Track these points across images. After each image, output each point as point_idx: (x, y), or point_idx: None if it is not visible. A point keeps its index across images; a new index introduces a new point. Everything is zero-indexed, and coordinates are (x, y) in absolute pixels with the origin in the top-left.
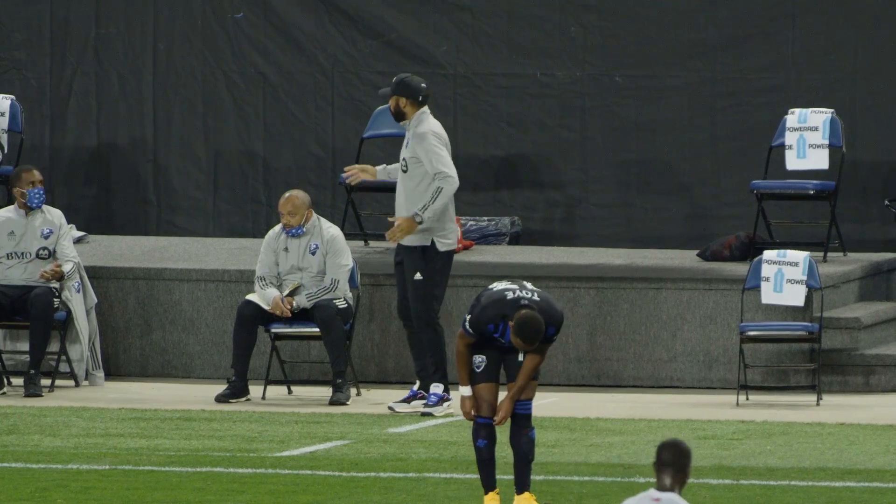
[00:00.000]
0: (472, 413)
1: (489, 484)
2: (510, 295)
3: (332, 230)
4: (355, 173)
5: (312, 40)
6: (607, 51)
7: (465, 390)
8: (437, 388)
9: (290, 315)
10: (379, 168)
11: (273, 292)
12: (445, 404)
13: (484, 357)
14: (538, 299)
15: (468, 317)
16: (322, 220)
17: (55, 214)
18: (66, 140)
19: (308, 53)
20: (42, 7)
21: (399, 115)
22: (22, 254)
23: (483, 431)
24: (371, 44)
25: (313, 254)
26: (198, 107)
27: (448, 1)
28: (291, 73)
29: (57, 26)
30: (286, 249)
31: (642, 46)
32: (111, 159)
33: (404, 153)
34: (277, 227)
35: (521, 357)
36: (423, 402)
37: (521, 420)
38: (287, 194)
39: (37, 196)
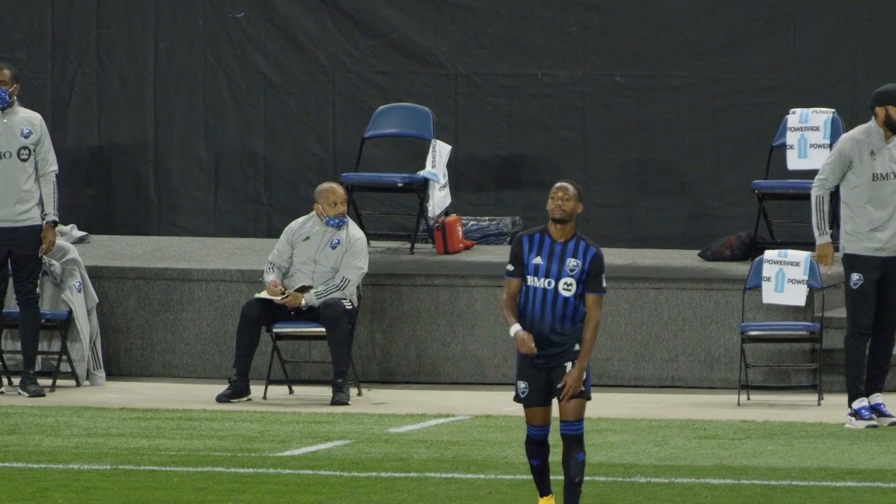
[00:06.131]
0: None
1: (544, 491)
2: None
3: (358, 232)
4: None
5: (313, 40)
6: (608, 51)
7: (514, 328)
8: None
9: (280, 299)
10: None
11: (271, 277)
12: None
13: (527, 383)
14: None
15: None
16: (350, 220)
17: (34, 116)
18: (67, 140)
19: (309, 53)
20: (43, 7)
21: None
22: (2, 153)
23: (537, 451)
24: (372, 43)
25: (333, 248)
26: (199, 107)
27: (449, 1)
28: (292, 73)
29: (58, 26)
30: (307, 238)
31: (643, 46)
32: (112, 159)
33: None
34: (301, 220)
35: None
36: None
37: (573, 442)
38: (330, 185)
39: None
